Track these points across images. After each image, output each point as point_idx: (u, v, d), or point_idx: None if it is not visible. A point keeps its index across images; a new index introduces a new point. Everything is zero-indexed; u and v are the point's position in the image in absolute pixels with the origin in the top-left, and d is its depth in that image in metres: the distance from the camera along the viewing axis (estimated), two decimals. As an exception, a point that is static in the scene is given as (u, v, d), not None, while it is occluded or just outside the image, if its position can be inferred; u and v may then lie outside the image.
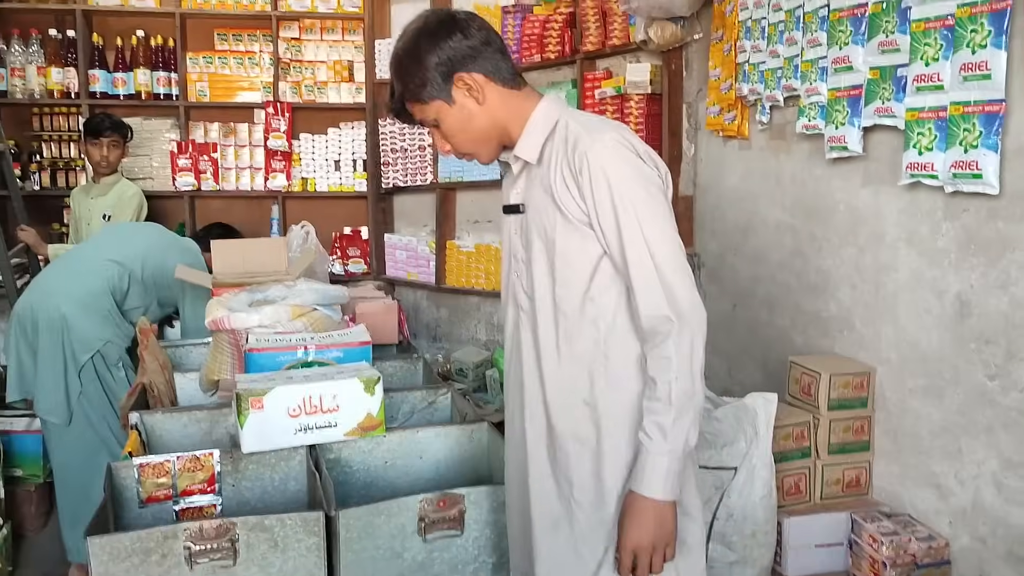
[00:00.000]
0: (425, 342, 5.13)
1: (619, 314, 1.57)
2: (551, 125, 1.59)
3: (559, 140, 1.56)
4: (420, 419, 2.55)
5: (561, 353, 1.61)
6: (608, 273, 1.56)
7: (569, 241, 1.55)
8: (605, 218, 1.50)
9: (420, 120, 1.64)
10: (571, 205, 1.53)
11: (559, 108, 1.62)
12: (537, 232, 1.60)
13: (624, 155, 1.50)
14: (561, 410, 1.63)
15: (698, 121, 3.58)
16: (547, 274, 1.60)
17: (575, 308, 1.58)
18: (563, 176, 1.53)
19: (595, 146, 1.49)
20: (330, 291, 2.73)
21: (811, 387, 2.52)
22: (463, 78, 1.56)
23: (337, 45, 5.17)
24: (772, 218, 3.01)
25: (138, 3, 4.91)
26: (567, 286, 1.58)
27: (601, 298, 1.57)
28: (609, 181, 1.48)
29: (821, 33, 2.51)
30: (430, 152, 4.85)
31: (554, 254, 1.58)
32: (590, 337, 1.59)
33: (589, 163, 1.49)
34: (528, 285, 1.65)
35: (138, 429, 2.28)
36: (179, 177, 4.95)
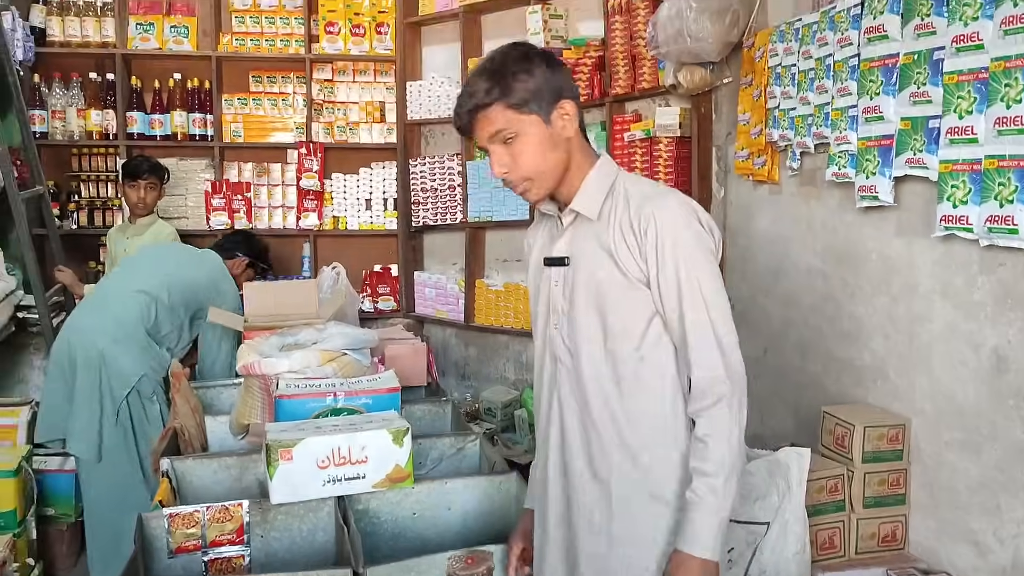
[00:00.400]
0: (454, 380, 5.13)
1: (668, 372, 1.59)
2: (610, 183, 1.63)
3: (619, 199, 1.60)
4: (448, 466, 2.54)
5: (609, 409, 1.62)
6: (657, 331, 1.59)
7: (624, 297, 1.58)
8: (666, 279, 1.53)
9: (492, 132, 1.58)
10: (630, 263, 1.56)
11: (616, 168, 1.66)
12: (587, 286, 1.61)
13: (688, 220, 1.55)
14: (606, 466, 1.63)
15: (727, 164, 3.57)
16: (597, 329, 1.61)
17: (624, 364, 1.60)
18: (624, 234, 1.57)
19: (661, 209, 1.54)
20: (359, 335, 2.74)
21: (845, 439, 2.48)
22: (565, 105, 1.59)
23: (369, 86, 5.25)
24: (803, 263, 2.99)
25: (176, 47, 5.03)
26: (618, 342, 1.60)
27: (652, 356, 1.59)
28: (674, 243, 1.52)
29: (851, 82, 2.51)
30: (460, 191, 4.89)
31: (606, 310, 1.60)
32: (639, 394, 1.60)
33: (656, 226, 1.53)
34: (571, 339, 1.65)
35: (168, 476, 2.30)
36: (213, 216, 5.03)
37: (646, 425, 1.60)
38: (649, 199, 1.56)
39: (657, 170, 3.78)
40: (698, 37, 3.23)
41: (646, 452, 1.60)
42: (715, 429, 1.51)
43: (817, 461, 2.46)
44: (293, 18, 5.14)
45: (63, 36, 4.87)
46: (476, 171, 4.78)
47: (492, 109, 1.56)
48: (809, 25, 2.79)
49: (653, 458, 1.60)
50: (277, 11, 5.13)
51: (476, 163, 4.80)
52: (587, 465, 1.65)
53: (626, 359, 1.59)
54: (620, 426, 1.61)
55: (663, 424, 1.60)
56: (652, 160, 3.81)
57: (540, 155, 1.59)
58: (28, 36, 4.54)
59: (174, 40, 5.03)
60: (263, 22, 5.11)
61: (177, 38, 5.04)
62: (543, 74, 1.57)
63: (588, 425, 1.64)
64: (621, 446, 1.61)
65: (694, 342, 1.53)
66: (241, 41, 5.09)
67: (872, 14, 2.39)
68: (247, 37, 5.09)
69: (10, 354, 4.35)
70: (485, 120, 1.58)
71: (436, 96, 4.98)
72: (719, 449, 1.51)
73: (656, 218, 1.53)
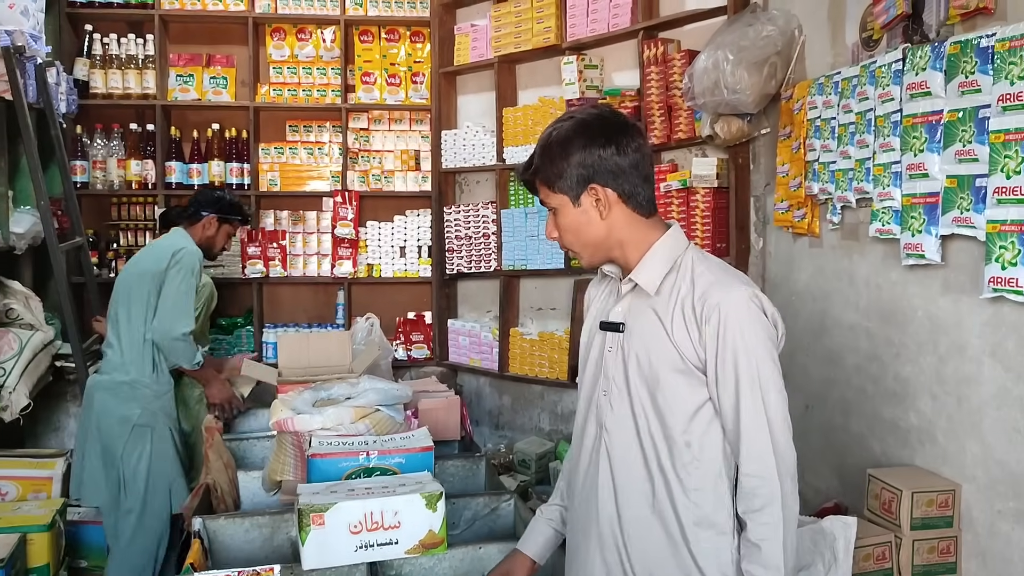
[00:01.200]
0: (487, 430, 5.08)
1: (716, 461, 1.55)
2: (674, 258, 1.59)
3: (683, 278, 1.56)
4: (482, 527, 2.49)
5: (653, 489, 1.57)
6: (707, 417, 1.55)
7: (675, 378, 1.54)
8: (724, 372, 1.50)
9: (542, 200, 1.66)
10: (688, 347, 1.52)
11: (684, 243, 1.62)
12: (638, 360, 1.58)
13: (755, 314, 1.51)
14: (641, 552, 1.59)
15: (766, 215, 3.53)
16: (645, 405, 1.57)
17: (670, 446, 1.55)
18: (684, 316, 1.53)
19: (727, 300, 1.50)
20: (393, 391, 2.71)
21: (892, 504, 2.40)
22: (596, 190, 1.58)
23: (404, 135, 5.29)
24: (846, 320, 2.92)
25: (215, 97, 5.11)
26: (665, 423, 1.56)
27: (698, 442, 1.55)
28: (736, 340, 1.48)
29: (894, 138, 2.46)
30: (494, 239, 4.89)
31: (656, 388, 1.56)
32: (683, 480, 1.56)
33: (721, 315, 1.49)
34: (619, 408, 1.61)
35: (200, 536, 2.27)
36: (249, 265, 5.06)
37: (687, 509, 1.55)
38: (716, 286, 1.52)
39: (694, 221, 3.74)
40: (735, 89, 3.21)
41: (684, 534, 1.55)
42: (768, 533, 1.48)
43: (863, 527, 2.38)
44: (330, 68, 5.21)
45: (105, 88, 4.97)
46: (511, 219, 4.78)
47: (538, 183, 1.64)
48: (849, 79, 2.76)
49: (693, 543, 1.55)
50: (314, 62, 5.20)
51: (511, 211, 4.79)
52: (620, 546, 1.62)
53: (672, 441, 1.55)
54: (647, 510, 1.58)
55: (704, 512, 1.55)
56: (689, 210, 3.77)
57: (574, 232, 1.62)
58: (72, 89, 4.64)
59: (213, 91, 5.12)
60: (300, 72, 5.19)
61: (216, 89, 5.13)
62: (576, 156, 1.56)
63: (619, 505, 1.61)
64: (644, 531, 1.58)
65: (747, 439, 1.50)
66: (278, 91, 5.16)
67: (914, 70, 2.35)
68: (284, 87, 5.17)
69: (48, 403, 4.38)
70: (537, 189, 1.66)
71: (471, 145, 5.00)
72: (774, 554, 1.47)
73: (721, 307, 1.49)
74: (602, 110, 1.64)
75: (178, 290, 3.42)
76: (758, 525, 1.49)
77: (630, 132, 1.59)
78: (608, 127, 1.59)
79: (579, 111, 1.63)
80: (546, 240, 4.58)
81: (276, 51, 5.18)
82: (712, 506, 1.54)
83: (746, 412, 1.49)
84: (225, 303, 4.76)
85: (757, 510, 1.49)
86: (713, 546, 1.54)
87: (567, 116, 1.62)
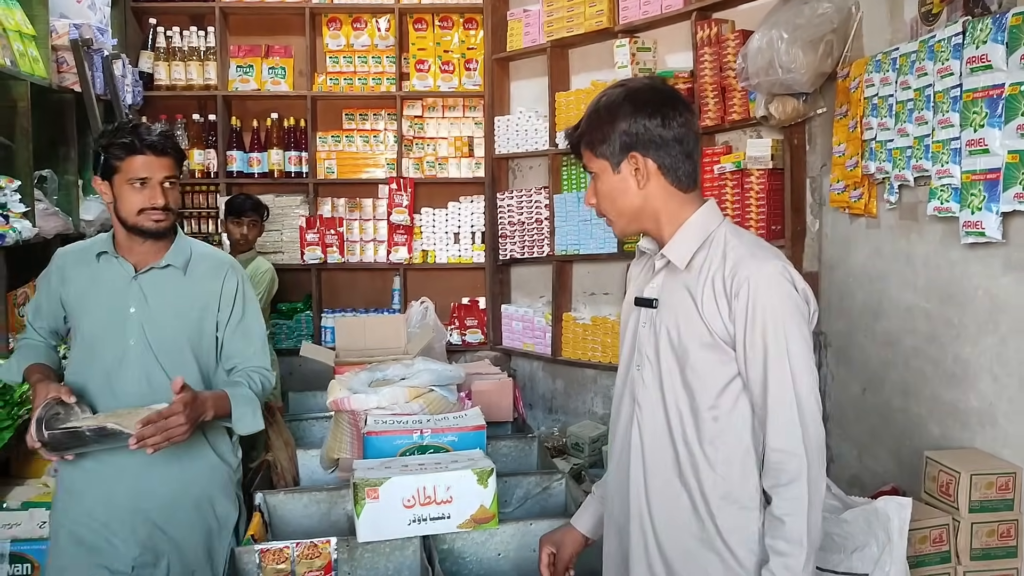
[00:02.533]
0: (541, 414, 5.11)
1: (744, 435, 1.55)
2: (706, 233, 1.59)
3: (715, 252, 1.56)
4: (534, 505, 2.53)
5: (679, 463, 1.58)
6: (734, 394, 1.55)
7: (704, 354, 1.55)
8: (754, 348, 1.50)
9: (584, 164, 1.67)
10: (717, 322, 1.53)
11: (717, 218, 1.61)
12: (669, 334, 1.58)
13: (785, 289, 1.50)
14: (669, 527, 1.60)
15: (822, 196, 3.48)
16: (675, 379, 1.58)
17: (699, 420, 1.56)
18: (714, 291, 1.53)
19: (758, 274, 1.49)
20: (446, 372, 2.76)
21: (950, 486, 2.36)
22: (636, 159, 1.58)
23: (458, 122, 5.33)
24: (904, 300, 2.87)
25: (273, 87, 5.22)
26: (694, 396, 1.56)
27: (725, 418, 1.55)
28: (766, 314, 1.48)
29: (953, 114, 2.41)
30: (547, 224, 4.90)
31: (686, 363, 1.56)
32: (709, 455, 1.56)
33: (750, 289, 1.49)
34: (650, 382, 1.62)
35: (261, 511, 2.35)
36: (307, 251, 5.16)
37: (713, 484, 1.56)
38: (746, 261, 1.51)
39: (748, 203, 3.70)
40: (790, 68, 3.17)
41: (710, 508, 1.56)
42: (793, 508, 1.47)
43: (920, 509, 2.34)
44: (385, 57, 5.27)
45: (169, 80, 5.11)
46: (563, 204, 4.78)
47: (580, 146, 1.65)
48: (907, 55, 2.70)
49: (718, 517, 1.56)
50: (369, 51, 5.27)
51: (563, 196, 4.80)
52: (650, 524, 1.63)
53: (701, 415, 1.55)
54: (675, 486, 1.59)
55: (730, 487, 1.56)
56: (743, 193, 3.74)
57: (610, 199, 1.63)
58: (137, 81, 4.78)
59: (272, 81, 5.23)
60: (356, 61, 5.26)
61: (274, 79, 5.23)
62: (624, 123, 1.57)
63: (647, 481, 1.62)
64: (672, 506, 1.59)
65: (774, 415, 1.49)
66: (335, 80, 5.24)
67: (975, 43, 2.29)
68: (340, 76, 5.25)
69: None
70: (580, 153, 1.67)
71: (524, 130, 5.02)
72: (797, 529, 1.47)
73: (751, 281, 1.49)
74: (654, 81, 1.65)
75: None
76: (783, 500, 1.48)
77: (678, 106, 1.59)
78: (657, 98, 1.59)
79: (632, 80, 1.64)
80: (599, 224, 4.60)
81: (332, 40, 5.26)
82: (739, 481, 1.54)
83: (774, 386, 1.48)
84: (285, 289, 4.86)
85: (783, 485, 1.48)
86: (739, 521, 1.54)
87: (619, 84, 1.63)
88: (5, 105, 3.16)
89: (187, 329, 2.23)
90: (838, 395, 3.34)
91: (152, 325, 2.18)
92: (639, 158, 1.58)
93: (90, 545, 2.16)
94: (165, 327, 2.20)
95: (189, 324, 2.23)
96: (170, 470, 2.17)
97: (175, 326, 2.21)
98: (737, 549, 1.54)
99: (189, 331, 2.23)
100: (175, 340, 2.21)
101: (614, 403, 1.77)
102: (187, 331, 2.23)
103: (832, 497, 2.34)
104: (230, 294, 2.28)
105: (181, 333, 2.22)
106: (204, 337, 2.26)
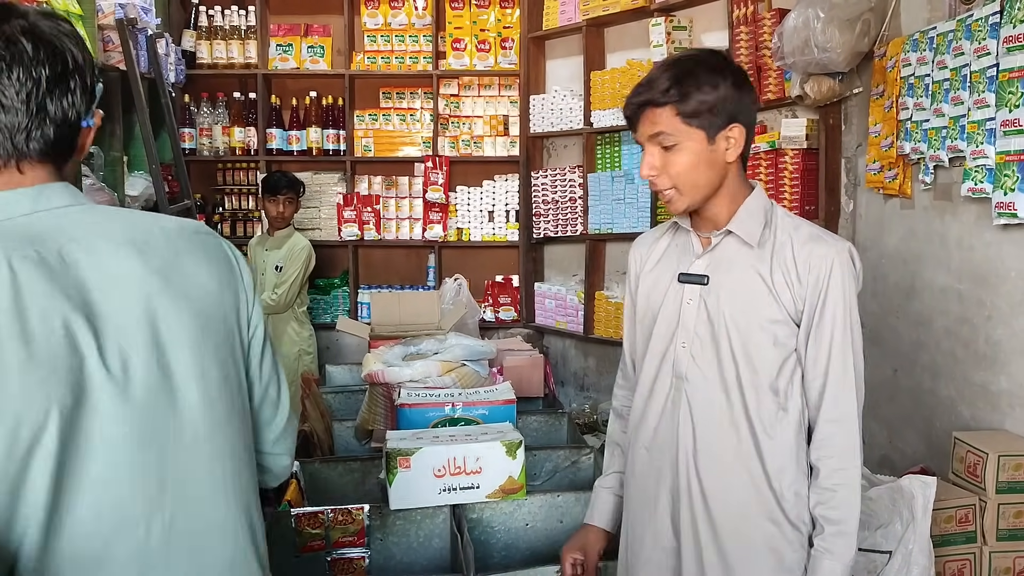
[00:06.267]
0: (572, 390, 5.16)
1: (796, 408, 1.59)
2: (766, 213, 1.61)
3: (779, 231, 1.59)
4: (562, 478, 2.57)
5: (739, 439, 1.60)
6: (790, 370, 1.59)
7: (766, 328, 1.57)
8: (822, 323, 1.55)
9: (654, 132, 1.54)
10: (787, 297, 1.56)
11: (769, 200, 1.65)
12: (729, 310, 1.58)
13: (855, 271, 1.57)
14: (723, 499, 1.61)
15: (857, 177, 3.46)
16: (736, 354, 1.58)
17: (755, 393, 1.58)
18: (785, 268, 1.56)
19: (831, 253, 1.55)
20: (478, 347, 2.81)
21: (977, 467, 2.37)
22: (734, 130, 1.54)
23: (493, 100, 5.36)
24: (937, 282, 2.86)
25: (312, 66, 5.29)
26: (753, 370, 1.58)
27: (783, 393, 1.59)
28: (836, 291, 1.54)
29: (989, 94, 2.39)
30: (581, 203, 4.92)
31: (747, 338, 1.58)
32: (769, 430, 1.58)
33: (825, 268, 1.54)
34: (702, 359, 1.61)
35: (297, 478, 2.42)
36: (344, 228, 5.24)
37: (773, 456, 1.58)
38: (818, 240, 1.56)
39: (783, 183, 3.69)
40: (826, 47, 3.15)
41: (769, 480, 1.59)
42: (844, 479, 1.54)
43: (947, 489, 2.36)
44: (422, 36, 5.30)
45: (211, 58, 5.21)
46: (597, 183, 4.80)
47: (663, 111, 1.52)
48: (944, 34, 2.68)
49: (777, 488, 1.59)
50: (406, 29, 5.31)
51: (597, 175, 4.82)
52: (701, 498, 1.63)
53: (761, 390, 1.58)
54: (732, 458, 1.60)
55: (787, 460, 1.59)
56: (777, 172, 3.73)
57: (693, 170, 1.54)
58: (180, 60, 4.88)
59: (310, 60, 5.29)
60: (393, 40, 5.31)
61: (313, 58, 5.30)
62: (726, 92, 1.51)
63: (696, 450, 1.62)
64: (729, 477, 1.61)
65: (833, 389, 1.56)
66: (372, 59, 5.29)
67: (1012, 23, 2.28)
68: (378, 55, 5.30)
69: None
70: (652, 117, 1.54)
71: (559, 109, 5.03)
72: (849, 498, 1.54)
73: (826, 260, 1.54)
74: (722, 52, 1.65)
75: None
76: (834, 471, 1.54)
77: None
78: (736, 69, 1.59)
79: (704, 49, 1.62)
80: (632, 203, 4.61)
81: (370, 20, 5.30)
82: (794, 454, 1.58)
83: (836, 363, 1.54)
84: (322, 265, 4.95)
85: (833, 457, 1.55)
86: (796, 490, 1.58)
87: (696, 51, 1.60)
88: (54, 83, 3.25)
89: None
90: (869, 376, 3.28)
91: None
92: (739, 128, 1.54)
93: None
94: None
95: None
96: None
97: None
98: (795, 518, 1.59)
99: None
100: None
101: (644, 384, 1.72)
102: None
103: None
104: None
105: None
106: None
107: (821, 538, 1.54)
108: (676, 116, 1.51)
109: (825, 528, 1.55)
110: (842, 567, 1.53)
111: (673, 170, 1.54)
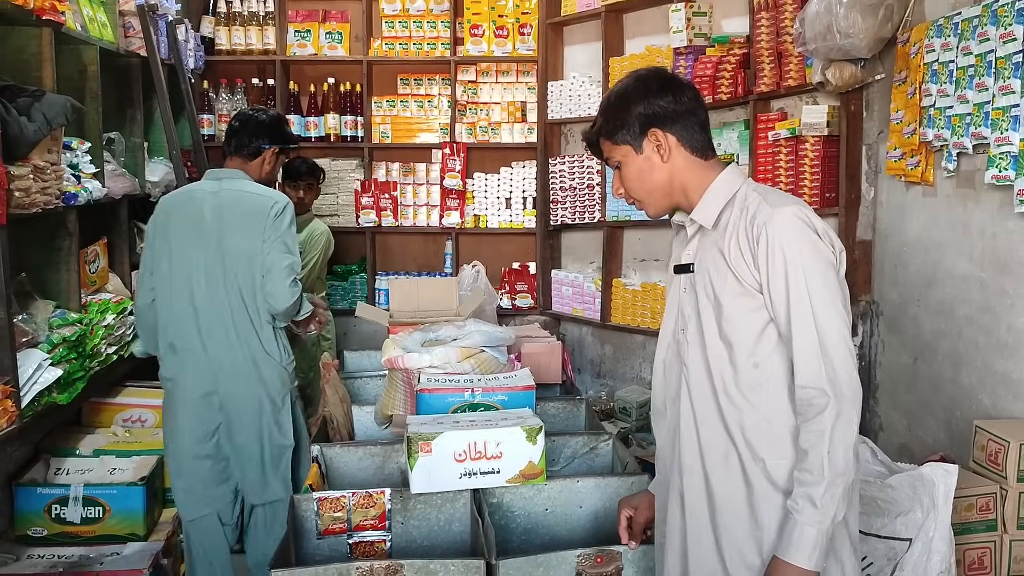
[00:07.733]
0: (589, 378, 5.16)
1: (782, 381, 1.62)
2: (730, 193, 1.67)
3: (738, 208, 1.64)
4: (581, 464, 2.59)
5: (723, 415, 1.65)
6: (772, 340, 1.62)
7: (738, 304, 1.62)
8: (776, 287, 1.56)
9: (607, 158, 1.76)
10: (744, 271, 1.60)
11: (740, 178, 1.70)
12: (705, 292, 1.67)
13: (802, 230, 1.57)
14: (720, 472, 1.67)
15: (878, 164, 3.44)
16: (714, 335, 1.66)
17: (742, 371, 1.63)
18: (739, 242, 1.61)
19: (775, 219, 1.57)
20: (497, 333, 2.82)
21: (998, 455, 2.36)
22: (656, 134, 1.68)
23: (511, 87, 5.34)
24: (959, 270, 2.85)
25: (330, 52, 5.29)
26: (735, 348, 1.63)
27: (766, 364, 1.62)
28: (785, 253, 1.55)
29: (1015, 80, 2.37)
30: (598, 190, 4.91)
31: (721, 316, 1.64)
32: (752, 401, 1.63)
33: (768, 234, 1.56)
34: (693, 342, 1.70)
35: (319, 462, 2.45)
36: (362, 214, 5.26)
37: (758, 428, 1.62)
38: (764, 207, 1.59)
39: (803, 170, 3.67)
40: (848, 33, 3.12)
41: (754, 452, 1.63)
42: (815, 440, 1.54)
43: (968, 478, 2.36)
44: (439, 22, 5.29)
45: (229, 44, 5.22)
46: (615, 170, 4.78)
47: (603, 142, 1.75)
48: (969, 19, 2.65)
49: (768, 460, 1.62)
50: (424, 15, 5.29)
51: (615, 162, 4.80)
52: (701, 470, 1.69)
53: (743, 366, 1.62)
54: (723, 434, 1.65)
55: (779, 433, 1.61)
56: (798, 159, 3.71)
57: (638, 179, 1.72)
58: (199, 46, 4.89)
59: (328, 46, 5.29)
60: (411, 26, 5.29)
61: (331, 44, 5.30)
62: (637, 106, 1.67)
63: (699, 430, 1.68)
64: (721, 452, 1.65)
65: (798, 352, 1.56)
66: (390, 45, 5.29)
67: (1039, 7, 2.25)
68: (396, 41, 5.29)
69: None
70: (598, 150, 1.78)
71: (577, 96, 5.02)
72: (818, 459, 1.53)
73: (768, 226, 1.56)
74: (658, 69, 1.78)
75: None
76: (807, 433, 1.55)
77: (684, 85, 1.72)
78: (663, 79, 1.72)
79: (635, 71, 1.76)
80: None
81: (388, 5, 5.29)
82: (784, 425, 1.60)
83: (796, 324, 1.55)
84: (340, 251, 4.96)
85: (809, 419, 1.55)
86: (785, 461, 1.60)
87: (624, 78, 1.75)
88: (76, 69, 3.27)
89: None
90: (889, 364, 3.33)
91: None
92: (659, 133, 1.67)
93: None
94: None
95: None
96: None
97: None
98: (777, 479, 1.61)
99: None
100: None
101: (657, 369, 1.84)
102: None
103: (878, 463, 2.37)
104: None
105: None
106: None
107: (792, 499, 1.56)
108: (608, 142, 1.73)
109: (796, 489, 1.56)
110: (811, 531, 1.52)
111: (627, 185, 1.74)
